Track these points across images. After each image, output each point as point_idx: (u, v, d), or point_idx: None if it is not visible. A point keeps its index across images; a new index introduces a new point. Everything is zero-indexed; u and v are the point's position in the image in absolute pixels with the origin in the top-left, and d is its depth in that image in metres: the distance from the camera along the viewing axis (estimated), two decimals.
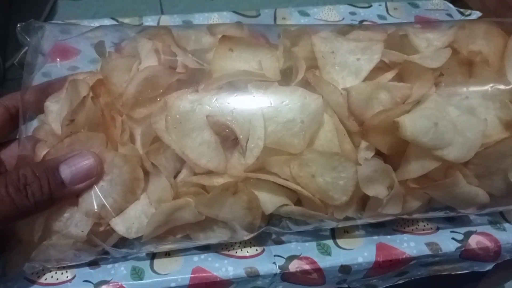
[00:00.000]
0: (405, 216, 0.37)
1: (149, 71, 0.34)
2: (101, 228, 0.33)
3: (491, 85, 0.34)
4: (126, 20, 0.54)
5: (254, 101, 0.33)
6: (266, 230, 0.36)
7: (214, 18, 0.55)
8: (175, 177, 0.34)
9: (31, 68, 0.37)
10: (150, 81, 0.34)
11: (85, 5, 0.76)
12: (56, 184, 0.31)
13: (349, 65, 0.35)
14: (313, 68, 0.35)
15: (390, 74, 0.35)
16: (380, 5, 0.59)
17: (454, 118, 0.32)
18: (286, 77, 0.36)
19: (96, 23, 0.53)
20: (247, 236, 0.36)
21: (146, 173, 0.34)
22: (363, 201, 0.36)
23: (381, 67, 0.35)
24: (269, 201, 0.33)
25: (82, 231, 0.33)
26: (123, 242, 0.35)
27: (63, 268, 0.36)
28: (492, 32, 0.36)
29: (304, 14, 0.57)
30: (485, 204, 0.36)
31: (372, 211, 0.35)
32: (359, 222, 0.37)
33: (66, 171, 0.31)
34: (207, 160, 0.33)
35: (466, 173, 0.33)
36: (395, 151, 0.34)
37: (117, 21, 0.53)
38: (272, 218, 0.36)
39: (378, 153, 0.34)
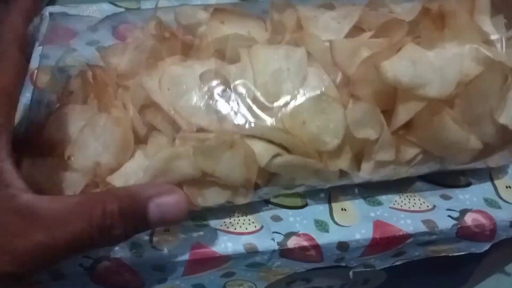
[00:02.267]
0: (402, 172, 0.38)
1: (139, 40, 0.37)
2: (97, 190, 0.34)
3: (464, 31, 0.35)
4: (124, 4, 0.54)
5: (243, 59, 0.35)
6: (262, 193, 0.37)
7: (213, 1, 0.55)
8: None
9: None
10: (141, 49, 0.37)
11: None
12: (142, 229, 0.30)
13: (331, 28, 0.38)
14: None
15: (369, 33, 0.37)
16: None
17: (431, 58, 0.34)
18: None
19: (94, 7, 0.53)
20: (245, 199, 0.36)
21: (141, 141, 0.36)
22: (358, 160, 0.37)
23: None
24: (264, 150, 0.34)
25: (74, 192, 0.33)
26: None
27: None
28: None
29: (303, 0, 0.57)
30: (478, 153, 0.37)
31: (367, 162, 0.36)
32: (355, 180, 0.38)
33: (155, 212, 0.28)
34: (200, 119, 0.34)
35: (454, 116, 0.34)
36: (384, 106, 0.35)
37: (115, 5, 0.53)
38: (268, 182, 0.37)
39: None
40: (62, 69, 0.42)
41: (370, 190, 0.41)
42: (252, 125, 0.34)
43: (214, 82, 0.35)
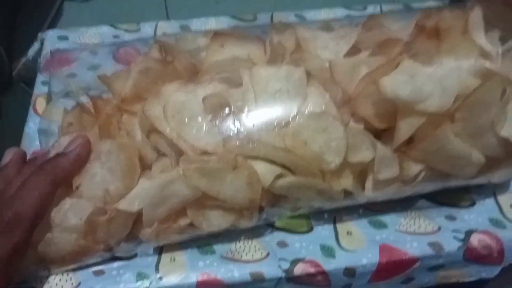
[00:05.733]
0: (406, 190, 0.38)
1: (142, 64, 0.38)
2: (106, 216, 0.34)
3: (460, 45, 0.36)
4: (124, 26, 0.54)
5: (244, 80, 0.36)
6: (266, 215, 0.37)
7: (212, 22, 0.56)
8: None
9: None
10: (144, 73, 0.38)
11: (91, 8, 0.76)
12: None
13: (330, 48, 0.38)
14: None
15: (366, 52, 0.38)
16: (375, 7, 0.59)
17: (429, 73, 0.35)
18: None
19: (93, 30, 0.53)
20: (250, 222, 0.36)
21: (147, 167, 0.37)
22: (362, 180, 0.37)
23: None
24: (266, 171, 0.34)
25: (80, 219, 0.34)
26: (127, 240, 0.36)
27: (67, 275, 0.36)
28: (457, 15, 0.39)
29: (300, 17, 0.58)
30: (483, 166, 0.37)
31: (370, 181, 0.36)
32: (360, 199, 0.37)
33: None
34: (205, 143, 0.35)
35: (456, 130, 0.35)
36: (386, 123, 0.36)
37: (115, 27, 0.53)
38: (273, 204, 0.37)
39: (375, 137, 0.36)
40: (63, 96, 0.42)
41: (374, 211, 0.41)
42: (255, 145, 0.34)
43: (217, 105, 0.35)
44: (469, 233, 0.40)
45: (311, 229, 0.40)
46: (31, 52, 0.50)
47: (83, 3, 0.77)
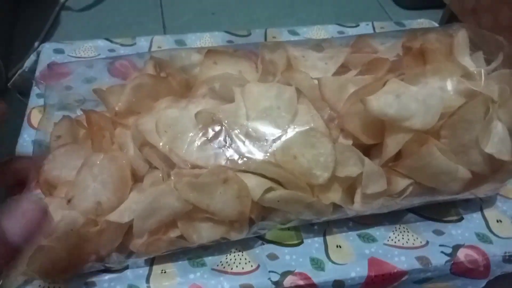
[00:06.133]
0: (394, 204, 0.38)
1: (136, 81, 0.39)
2: (97, 228, 0.34)
3: (445, 66, 0.37)
4: (119, 40, 0.54)
5: (237, 97, 0.37)
6: (256, 228, 0.37)
7: (206, 37, 0.57)
8: None
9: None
10: (139, 89, 0.39)
11: (88, 17, 0.77)
12: None
13: (319, 68, 0.40)
14: None
15: (354, 72, 0.39)
16: (367, 24, 0.61)
17: (414, 92, 0.36)
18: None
19: (89, 43, 0.54)
20: (240, 234, 0.37)
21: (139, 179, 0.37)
22: (351, 193, 0.38)
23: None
24: (256, 185, 0.35)
25: (72, 230, 0.34)
26: (118, 251, 0.36)
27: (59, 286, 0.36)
28: (441, 37, 0.40)
29: (294, 33, 0.59)
30: (469, 182, 0.38)
31: (358, 195, 0.37)
32: (349, 213, 0.38)
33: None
34: (196, 157, 0.35)
35: (441, 147, 0.36)
36: (374, 139, 0.37)
37: (110, 41, 0.54)
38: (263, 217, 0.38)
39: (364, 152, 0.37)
40: (59, 108, 0.43)
41: (364, 225, 0.41)
42: (245, 160, 0.35)
43: (209, 121, 0.36)
44: (456, 247, 0.40)
45: (301, 242, 0.40)
46: (28, 63, 0.51)
47: (80, 13, 0.78)
